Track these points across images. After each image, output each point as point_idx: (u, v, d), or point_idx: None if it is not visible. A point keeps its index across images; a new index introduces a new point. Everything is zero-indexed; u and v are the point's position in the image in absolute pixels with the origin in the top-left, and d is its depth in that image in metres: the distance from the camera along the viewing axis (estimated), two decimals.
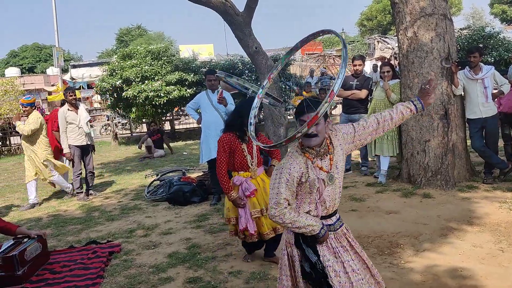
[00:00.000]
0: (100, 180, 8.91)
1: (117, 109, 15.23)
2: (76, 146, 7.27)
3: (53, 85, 28.68)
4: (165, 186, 6.92)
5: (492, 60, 11.44)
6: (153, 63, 14.12)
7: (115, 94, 14.40)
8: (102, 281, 4.02)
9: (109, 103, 15.43)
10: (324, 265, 2.45)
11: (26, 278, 4.10)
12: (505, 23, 40.79)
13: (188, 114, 6.84)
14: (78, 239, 5.32)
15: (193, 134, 15.70)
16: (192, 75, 14.02)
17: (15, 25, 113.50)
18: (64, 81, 21.84)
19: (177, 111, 17.02)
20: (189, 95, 13.42)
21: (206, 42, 40.44)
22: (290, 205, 2.45)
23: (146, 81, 13.66)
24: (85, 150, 7.44)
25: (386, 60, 17.66)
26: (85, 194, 7.42)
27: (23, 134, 7.15)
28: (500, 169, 6.11)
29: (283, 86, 13.36)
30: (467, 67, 6.00)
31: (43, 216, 6.55)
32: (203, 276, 3.93)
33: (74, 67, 25.99)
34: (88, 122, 7.46)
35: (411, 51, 6.10)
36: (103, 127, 19.18)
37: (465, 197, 5.54)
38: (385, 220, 4.98)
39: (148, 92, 13.33)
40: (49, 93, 26.92)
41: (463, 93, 6.16)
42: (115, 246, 4.85)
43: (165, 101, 13.53)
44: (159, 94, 13.42)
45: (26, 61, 53.44)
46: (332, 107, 10.86)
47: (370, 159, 7.28)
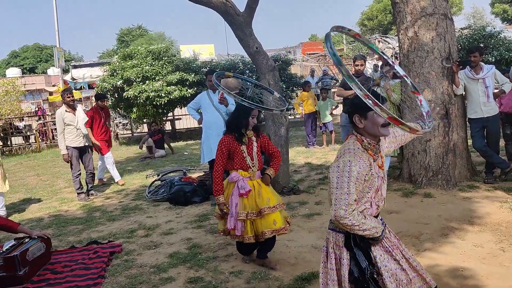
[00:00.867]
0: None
1: (118, 109, 15.25)
2: (74, 147, 7.28)
3: (54, 86, 28.74)
4: (166, 186, 6.93)
5: (493, 60, 11.42)
6: (154, 63, 14.12)
7: (116, 94, 14.41)
8: (103, 281, 4.02)
9: (110, 103, 15.44)
10: (377, 269, 2.32)
11: (27, 278, 4.11)
12: (506, 22, 40.76)
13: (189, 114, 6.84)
14: (79, 239, 5.32)
15: (194, 134, 15.70)
16: (193, 75, 14.02)
17: (16, 25, 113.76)
18: (65, 82, 21.87)
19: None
20: (190, 95, 13.42)
21: (207, 42, 40.48)
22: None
23: (147, 81, 13.66)
24: (83, 151, 7.46)
25: None
26: (85, 194, 7.43)
27: None
28: (501, 169, 6.11)
29: (284, 86, 13.36)
30: (468, 66, 6.00)
31: (44, 216, 6.56)
32: (204, 276, 3.93)
33: (75, 67, 25.96)
34: (86, 124, 7.49)
35: (412, 50, 6.10)
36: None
37: (466, 196, 5.53)
38: (386, 220, 4.91)
39: (149, 92, 13.34)
40: (50, 94, 26.98)
41: (464, 93, 6.15)
42: (116, 246, 4.86)
43: (166, 101, 13.53)
44: (160, 94, 13.43)
45: (27, 62, 53.56)
46: (334, 106, 10.84)
47: None
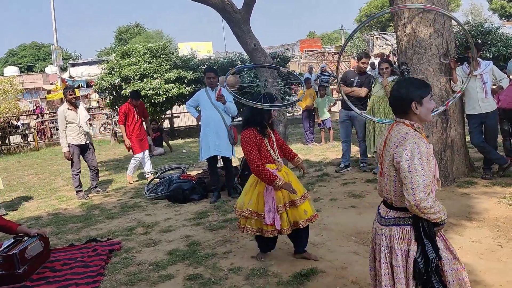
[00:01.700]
0: (100, 178, 8.90)
1: (116, 107, 15.23)
2: (76, 145, 7.28)
3: (52, 84, 28.65)
4: (164, 184, 6.93)
5: (491, 56, 11.42)
6: (151, 61, 14.11)
7: (114, 93, 14.40)
8: (102, 279, 4.03)
9: (108, 101, 15.43)
10: (441, 260, 2.30)
11: (26, 277, 4.11)
12: (504, 18, 40.76)
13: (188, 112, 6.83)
14: (78, 237, 5.33)
15: (192, 131, 15.70)
16: (191, 73, 14.01)
17: (13, 24, 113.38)
18: (63, 80, 21.81)
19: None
20: (188, 93, 13.43)
21: (205, 40, 40.55)
22: None
23: (145, 79, 13.65)
24: (84, 149, 7.46)
25: (385, 57, 17.65)
26: (84, 192, 7.43)
27: None
28: (499, 165, 6.12)
29: (281, 83, 13.34)
30: (465, 63, 6.00)
31: (43, 215, 6.56)
32: (203, 273, 3.94)
33: (73, 65, 25.95)
34: (88, 121, 7.48)
35: (410, 47, 6.10)
36: (102, 125, 19.18)
37: (464, 192, 5.55)
38: None
39: (147, 90, 13.32)
40: (48, 92, 26.91)
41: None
42: (115, 244, 4.86)
43: (164, 99, 13.53)
44: (158, 92, 13.42)
45: (24, 60, 53.40)
46: (332, 103, 10.85)
47: (369, 156, 7.29)
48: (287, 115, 8.45)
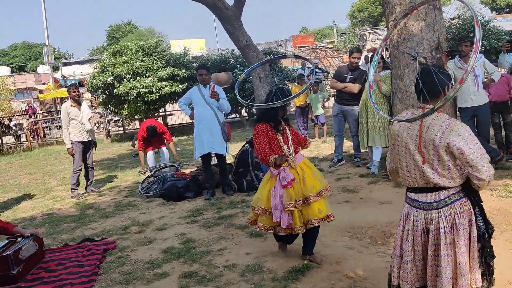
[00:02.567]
0: (94, 178, 8.86)
1: (109, 106, 15.18)
2: (79, 142, 7.27)
3: (44, 84, 28.49)
4: (159, 182, 6.91)
5: (483, 49, 11.49)
6: (144, 59, 14.06)
7: (106, 91, 14.34)
8: (97, 278, 4.02)
9: (101, 100, 15.36)
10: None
11: (21, 277, 4.09)
12: (495, 12, 40.96)
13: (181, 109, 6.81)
14: (72, 237, 5.31)
15: (186, 129, 15.67)
16: (183, 71, 13.98)
17: (4, 24, 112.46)
18: (55, 79, 21.71)
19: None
20: (181, 90, 13.40)
21: (197, 37, 40.29)
22: None
23: (138, 77, 13.61)
24: (87, 146, 7.45)
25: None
26: (79, 192, 7.40)
27: None
28: (492, 158, 6.15)
29: (275, 79, 13.34)
30: (457, 56, 6.03)
31: (37, 215, 6.53)
32: (198, 270, 3.94)
33: (65, 65, 25.75)
34: (90, 119, 7.48)
35: (401, 41, 6.11)
36: (95, 124, 19.10)
37: None
38: (378, 210, 5.01)
39: (139, 89, 13.29)
40: (41, 92, 26.73)
41: (453, 82, 6.18)
42: (109, 243, 4.85)
43: (157, 97, 13.50)
44: (151, 90, 13.39)
45: (16, 60, 53.01)
46: (325, 99, 10.85)
47: (362, 150, 7.30)
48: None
